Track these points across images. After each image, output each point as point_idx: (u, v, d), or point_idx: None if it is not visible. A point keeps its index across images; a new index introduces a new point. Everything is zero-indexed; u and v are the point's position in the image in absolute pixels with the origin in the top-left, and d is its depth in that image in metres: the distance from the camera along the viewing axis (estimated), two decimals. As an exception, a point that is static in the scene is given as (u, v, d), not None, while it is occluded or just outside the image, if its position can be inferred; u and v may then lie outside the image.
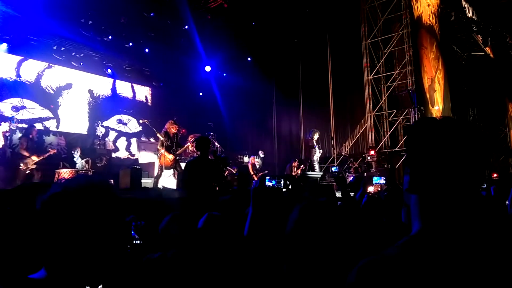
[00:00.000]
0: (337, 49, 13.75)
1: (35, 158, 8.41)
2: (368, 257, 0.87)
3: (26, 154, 8.31)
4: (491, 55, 17.17)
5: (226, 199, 2.86)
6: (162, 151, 8.17)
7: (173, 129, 8.40)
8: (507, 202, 4.22)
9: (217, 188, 5.09)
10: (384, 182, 7.61)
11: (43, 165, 8.85)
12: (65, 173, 8.15)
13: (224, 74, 15.07)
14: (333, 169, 11.01)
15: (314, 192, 3.23)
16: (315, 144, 9.59)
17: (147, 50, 12.58)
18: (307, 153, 9.77)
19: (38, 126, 10.87)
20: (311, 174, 9.63)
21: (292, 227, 1.50)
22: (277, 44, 14.23)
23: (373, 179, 8.01)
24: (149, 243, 2.44)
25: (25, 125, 10.38)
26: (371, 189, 8.19)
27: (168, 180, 9.03)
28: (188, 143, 9.50)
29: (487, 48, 16.66)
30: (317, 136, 9.72)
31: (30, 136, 8.63)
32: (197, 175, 5.01)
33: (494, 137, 18.75)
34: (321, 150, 10.03)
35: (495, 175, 15.23)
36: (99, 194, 1.07)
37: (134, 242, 2.41)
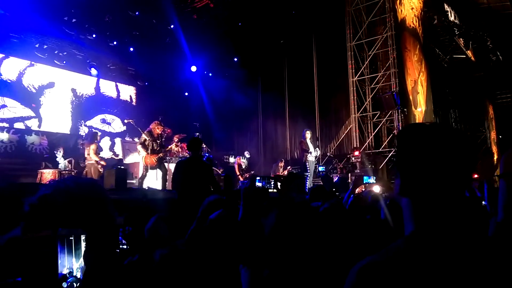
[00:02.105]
0: (322, 51, 13.86)
1: (103, 163, 8.54)
2: (366, 258, 0.90)
3: (97, 159, 8.43)
4: (472, 58, 17.55)
5: (212, 200, 2.86)
6: (144, 151, 8.11)
7: (157, 130, 8.34)
8: (483, 202, 4.32)
9: (212, 189, 5.01)
10: (374, 181, 7.63)
11: (25, 165, 8.70)
12: (47, 173, 7.97)
13: (210, 74, 15.03)
14: (320, 168, 11.03)
15: (301, 192, 3.25)
16: (309, 143, 9.32)
17: (132, 49, 12.44)
18: (301, 156, 9.48)
19: (20, 125, 10.66)
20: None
21: (270, 232, 1.50)
22: (263, 45, 14.27)
23: (363, 179, 7.99)
24: (135, 246, 2.42)
25: (6, 124, 10.17)
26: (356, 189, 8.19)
27: (153, 181, 8.95)
28: (173, 144, 9.45)
29: (468, 51, 17.01)
30: (310, 135, 9.49)
31: (96, 141, 8.77)
32: (188, 176, 4.94)
33: (475, 139, 19.17)
34: (317, 149, 9.64)
35: (475, 175, 15.59)
36: (89, 195, 1.06)
37: (121, 247, 2.39)
